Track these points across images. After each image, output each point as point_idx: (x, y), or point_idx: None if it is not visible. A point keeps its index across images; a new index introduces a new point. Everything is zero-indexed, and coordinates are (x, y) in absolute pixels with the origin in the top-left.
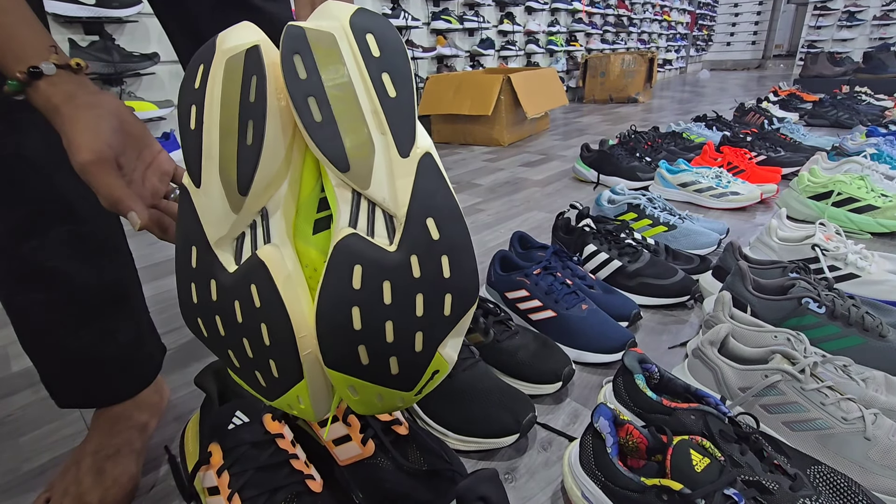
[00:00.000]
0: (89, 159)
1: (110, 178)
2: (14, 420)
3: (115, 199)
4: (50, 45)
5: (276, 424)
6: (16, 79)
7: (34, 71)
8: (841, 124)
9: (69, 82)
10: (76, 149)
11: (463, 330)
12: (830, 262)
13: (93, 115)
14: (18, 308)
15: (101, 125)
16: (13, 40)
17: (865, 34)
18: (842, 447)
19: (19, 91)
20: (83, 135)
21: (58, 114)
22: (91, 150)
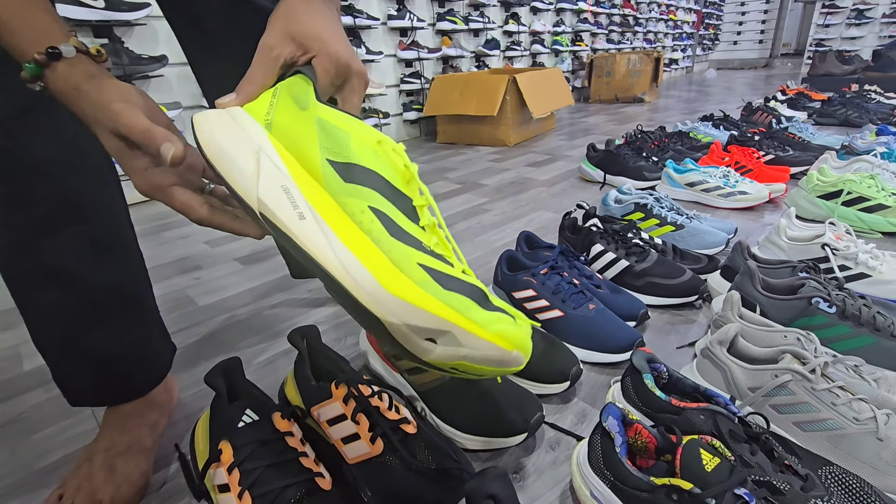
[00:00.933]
0: (119, 106)
1: (139, 118)
2: (27, 418)
3: (146, 133)
4: (68, 30)
5: (286, 423)
6: (33, 60)
7: (52, 51)
8: (850, 123)
9: (90, 65)
10: (104, 104)
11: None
12: (841, 262)
13: (119, 84)
14: (32, 307)
15: (128, 89)
16: (31, 23)
17: (875, 32)
18: (854, 448)
19: (37, 75)
20: (111, 93)
21: (79, 92)
22: (119, 100)
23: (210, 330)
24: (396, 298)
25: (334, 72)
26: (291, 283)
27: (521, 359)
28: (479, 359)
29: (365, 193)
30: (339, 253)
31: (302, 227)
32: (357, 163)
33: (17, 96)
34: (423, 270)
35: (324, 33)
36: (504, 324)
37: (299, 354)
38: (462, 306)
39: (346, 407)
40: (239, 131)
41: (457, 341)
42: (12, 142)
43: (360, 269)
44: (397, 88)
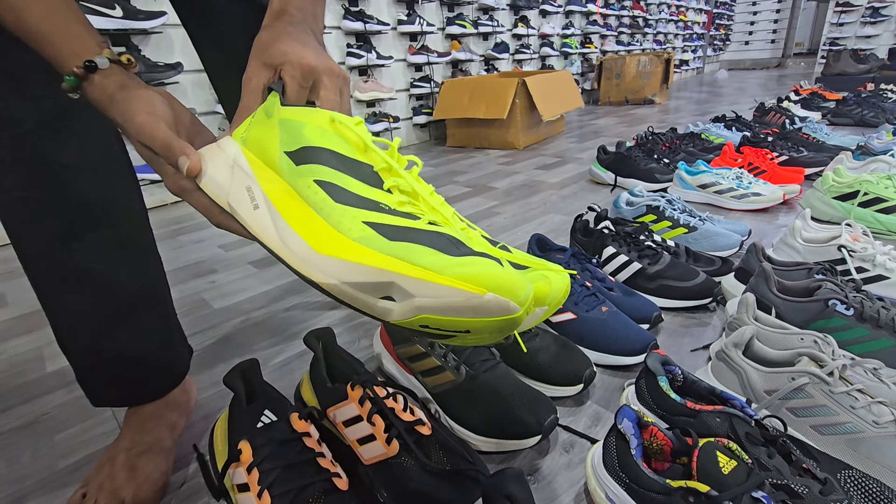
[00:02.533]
0: (142, 119)
1: (160, 130)
2: (50, 418)
3: (166, 146)
4: (101, 41)
5: (303, 423)
6: (73, 73)
7: (89, 65)
8: (866, 123)
9: (122, 74)
10: (130, 117)
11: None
12: (858, 264)
13: (146, 94)
14: (57, 309)
15: (153, 101)
16: (69, 36)
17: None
18: (874, 451)
19: (76, 86)
20: (137, 106)
21: (112, 101)
22: (144, 112)
23: (226, 332)
24: (327, 258)
25: (300, 75)
26: (305, 286)
27: (504, 304)
28: (442, 308)
29: (312, 170)
30: (281, 229)
31: (255, 216)
32: (308, 145)
33: (44, 105)
34: (368, 227)
35: (288, 48)
36: (474, 265)
37: (315, 356)
38: (410, 254)
39: (362, 408)
40: (220, 154)
41: (406, 292)
42: (39, 148)
43: (294, 239)
44: (407, 93)
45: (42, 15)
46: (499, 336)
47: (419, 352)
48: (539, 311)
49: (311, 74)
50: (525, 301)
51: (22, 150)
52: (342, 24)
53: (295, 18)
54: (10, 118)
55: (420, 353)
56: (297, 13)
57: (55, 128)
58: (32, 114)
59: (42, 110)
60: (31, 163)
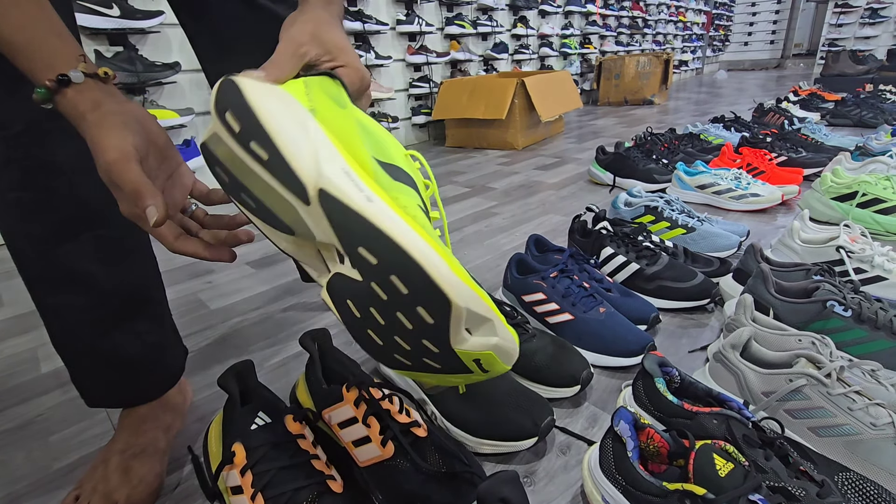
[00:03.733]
0: (114, 157)
1: (132, 173)
2: (44, 420)
3: (135, 192)
4: (79, 54)
5: (298, 425)
6: (44, 86)
7: (62, 79)
8: (865, 124)
9: (96, 90)
10: (101, 150)
11: (475, 320)
12: (856, 265)
13: (118, 120)
14: (51, 310)
15: (125, 129)
16: (42, 49)
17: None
18: (871, 453)
19: (48, 99)
20: (108, 137)
21: (83, 121)
22: (115, 149)
23: (222, 333)
24: (462, 283)
25: (358, 85)
26: (302, 286)
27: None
28: (505, 352)
29: (412, 193)
30: (412, 237)
31: (373, 208)
32: (399, 165)
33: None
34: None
35: (348, 48)
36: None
37: (310, 357)
38: (488, 299)
39: (358, 410)
40: (280, 104)
41: (494, 331)
42: (32, 149)
43: (433, 254)
44: (406, 93)
45: (17, 25)
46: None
47: None
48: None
49: (363, 89)
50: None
51: (15, 150)
52: None
53: (339, 11)
54: (2, 119)
55: None
56: (340, 7)
57: (48, 128)
58: (24, 114)
59: (34, 111)
60: (23, 163)
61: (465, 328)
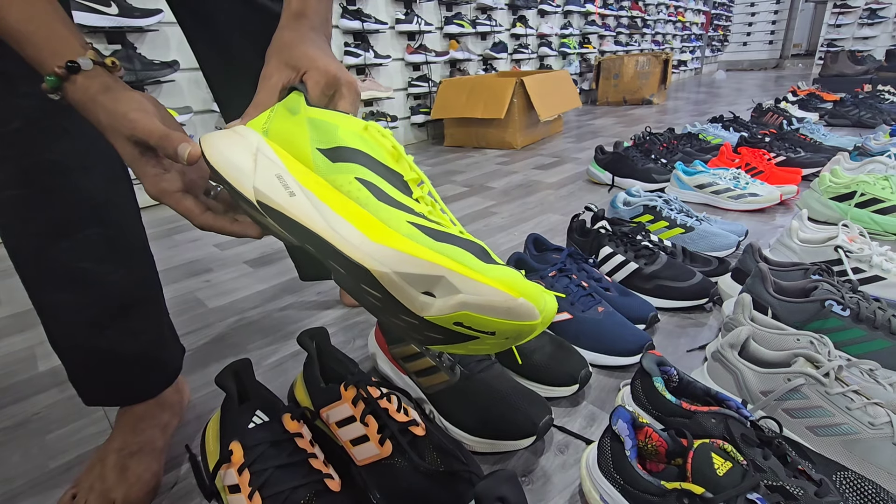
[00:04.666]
0: (135, 115)
1: (156, 123)
2: (41, 418)
3: (165, 136)
4: (85, 43)
5: (295, 424)
6: (54, 73)
7: (72, 65)
8: (863, 124)
9: (106, 76)
10: (121, 114)
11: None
12: (854, 264)
13: (133, 95)
14: (48, 308)
15: (142, 100)
16: (51, 38)
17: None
18: (869, 453)
19: (57, 87)
20: (128, 104)
21: (94, 103)
22: (135, 109)
23: (220, 332)
24: (383, 247)
25: (324, 82)
26: (300, 285)
27: (531, 309)
28: (483, 306)
29: (352, 168)
30: (327, 216)
31: (293, 202)
32: (344, 145)
33: (34, 101)
34: (413, 227)
35: (313, 53)
36: (507, 273)
37: (308, 356)
38: (456, 254)
39: (355, 409)
40: (239, 140)
41: (453, 287)
42: (29, 146)
43: (346, 226)
44: (405, 92)
45: (23, 15)
46: (510, 343)
47: (414, 352)
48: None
49: (334, 84)
50: (544, 310)
51: (12, 148)
52: (340, 23)
53: (314, 23)
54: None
55: (415, 353)
56: (316, 18)
57: (46, 126)
58: (22, 111)
59: (31, 108)
60: (21, 161)
61: (421, 292)
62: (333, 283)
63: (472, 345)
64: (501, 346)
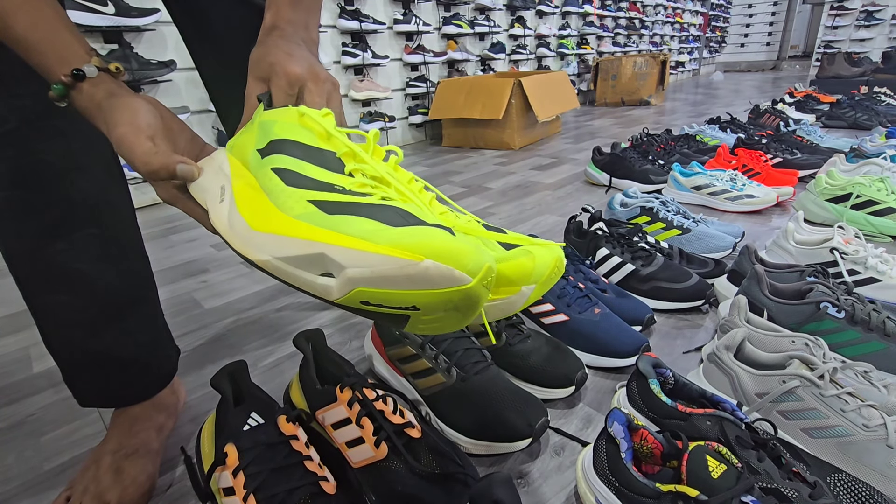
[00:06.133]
0: (122, 131)
1: (141, 145)
2: (36, 419)
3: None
4: (89, 49)
5: (291, 426)
6: (60, 82)
7: (77, 73)
8: (859, 126)
9: (110, 83)
10: (114, 126)
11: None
12: (850, 266)
13: (132, 103)
14: (43, 309)
15: (139, 110)
16: (56, 45)
17: (884, 34)
18: (863, 455)
19: (64, 95)
20: (122, 115)
21: (100, 110)
22: (126, 124)
23: (216, 333)
24: (263, 234)
25: (285, 83)
26: None
27: (447, 272)
28: (376, 279)
29: (273, 159)
30: (231, 215)
31: (217, 209)
32: (275, 139)
33: (28, 102)
34: (311, 205)
35: (277, 59)
36: (415, 233)
37: (304, 358)
38: (343, 225)
39: (351, 411)
40: (211, 163)
41: (337, 264)
42: (24, 147)
43: (238, 220)
44: (403, 92)
45: (29, 23)
46: (460, 316)
47: (410, 353)
48: (526, 290)
49: (297, 82)
50: (476, 270)
51: (6, 148)
52: (337, 23)
53: (285, 32)
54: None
55: (411, 355)
56: (288, 27)
57: (40, 126)
58: (16, 112)
59: (26, 108)
60: (15, 161)
61: (319, 275)
62: None
63: (415, 323)
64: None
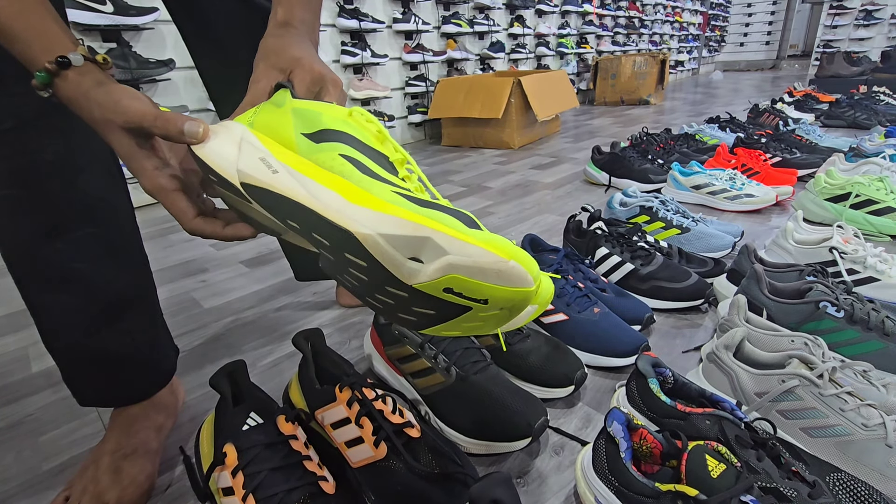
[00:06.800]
0: (127, 101)
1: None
2: (34, 419)
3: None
4: (76, 40)
5: (290, 426)
6: (44, 69)
7: (62, 60)
8: (858, 125)
9: (98, 73)
10: (114, 102)
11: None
12: (849, 265)
13: (125, 87)
14: (42, 308)
15: (134, 91)
16: (41, 35)
17: (883, 33)
18: (862, 454)
19: (48, 83)
20: (121, 93)
21: (87, 99)
22: (130, 96)
23: (215, 332)
24: (365, 209)
25: (309, 79)
26: (296, 285)
27: (523, 274)
28: (472, 268)
29: (336, 146)
30: (309, 186)
31: (276, 178)
32: (328, 128)
33: (26, 101)
34: (398, 195)
35: (299, 54)
36: (497, 237)
37: (303, 357)
38: (442, 217)
39: (350, 410)
40: (224, 131)
41: (441, 249)
42: (22, 146)
43: (328, 193)
44: (402, 91)
45: (13, 12)
46: (505, 317)
47: (410, 353)
48: (530, 309)
49: (320, 81)
50: (537, 277)
51: (4, 147)
52: (337, 22)
53: (300, 31)
54: None
55: (410, 355)
56: (302, 26)
57: (38, 125)
58: (14, 111)
59: (24, 107)
60: (13, 161)
61: (408, 258)
62: (330, 284)
63: (467, 320)
64: (497, 321)
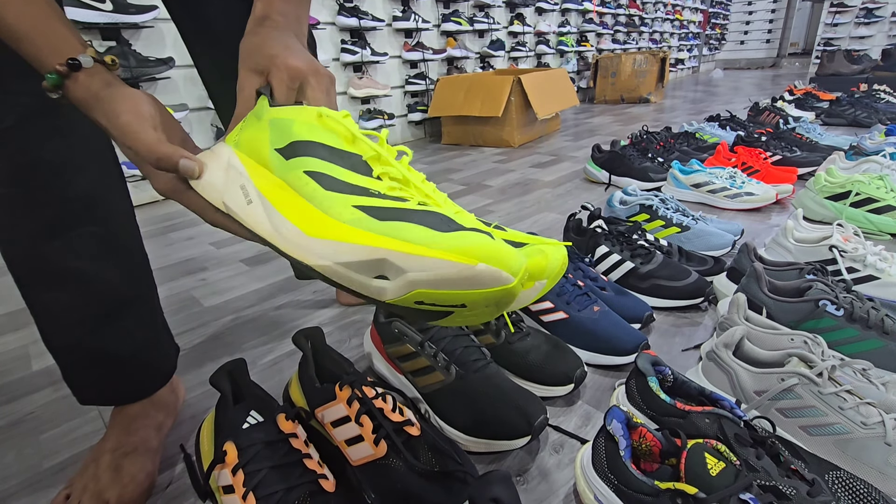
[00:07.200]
0: (126, 119)
1: (146, 133)
2: (35, 418)
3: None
4: (84, 41)
5: (290, 424)
6: (55, 71)
7: (73, 62)
8: (859, 123)
9: (106, 74)
10: (116, 115)
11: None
12: (849, 264)
13: (132, 93)
14: (42, 307)
15: (140, 100)
16: (49, 36)
17: (884, 31)
18: (861, 452)
19: (59, 85)
20: (124, 104)
21: (97, 100)
22: (128, 112)
23: (215, 331)
24: (320, 240)
25: (287, 78)
26: (296, 284)
27: (496, 273)
28: (435, 281)
29: (302, 162)
30: (274, 219)
31: (249, 211)
32: (297, 140)
33: (26, 100)
34: (358, 210)
35: (274, 52)
36: (464, 239)
37: (304, 356)
38: (400, 231)
39: (350, 409)
40: (215, 158)
41: (398, 268)
42: (21, 145)
43: (288, 226)
44: (402, 90)
45: (21, 13)
46: (496, 310)
47: (409, 351)
48: (539, 285)
49: (298, 76)
50: (518, 271)
51: (3, 146)
52: (336, 21)
53: (278, 24)
54: None
55: (410, 353)
56: (281, 18)
57: (38, 124)
58: (14, 110)
59: (24, 106)
60: (12, 159)
61: (374, 277)
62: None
63: (454, 320)
64: (490, 314)
